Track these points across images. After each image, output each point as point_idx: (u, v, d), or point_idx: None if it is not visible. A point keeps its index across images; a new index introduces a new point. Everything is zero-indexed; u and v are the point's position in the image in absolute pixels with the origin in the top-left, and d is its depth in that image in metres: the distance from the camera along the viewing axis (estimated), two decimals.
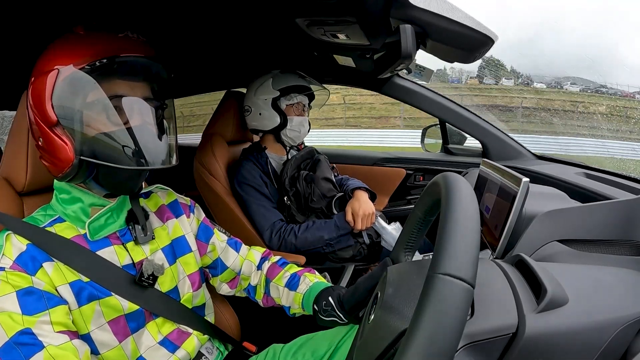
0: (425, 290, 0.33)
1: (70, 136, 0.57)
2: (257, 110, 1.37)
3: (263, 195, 1.34)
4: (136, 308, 0.65)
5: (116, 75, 0.59)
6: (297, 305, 0.81)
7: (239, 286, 0.88)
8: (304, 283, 0.81)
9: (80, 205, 0.64)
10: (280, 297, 0.83)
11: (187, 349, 0.72)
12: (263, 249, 0.91)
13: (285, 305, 0.83)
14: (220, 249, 0.84)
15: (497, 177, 0.82)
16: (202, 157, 1.40)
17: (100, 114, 0.58)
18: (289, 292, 0.82)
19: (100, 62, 0.56)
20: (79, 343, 0.57)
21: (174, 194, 0.81)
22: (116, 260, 0.65)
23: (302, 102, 1.38)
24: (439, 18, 0.57)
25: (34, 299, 0.55)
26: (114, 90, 0.58)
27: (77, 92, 0.57)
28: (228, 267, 0.84)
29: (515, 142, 1.57)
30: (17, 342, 0.52)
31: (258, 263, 0.88)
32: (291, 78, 1.36)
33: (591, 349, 0.42)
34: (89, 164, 0.59)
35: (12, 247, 0.57)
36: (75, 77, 0.56)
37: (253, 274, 0.87)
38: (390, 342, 0.41)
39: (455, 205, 0.37)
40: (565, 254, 0.64)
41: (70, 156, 0.57)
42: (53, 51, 0.58)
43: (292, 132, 1.37)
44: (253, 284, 0.87)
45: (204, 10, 0.83)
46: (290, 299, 0.81)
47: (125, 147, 0.58)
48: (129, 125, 0.59)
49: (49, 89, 0.56)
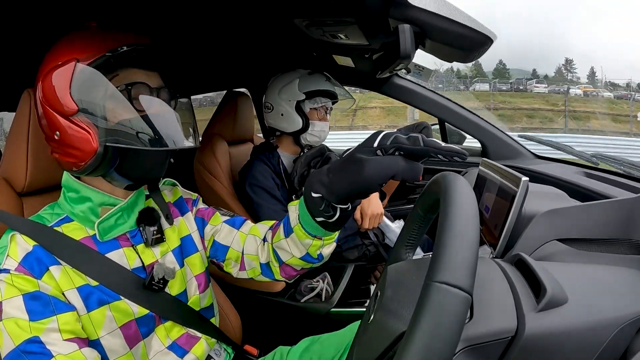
0: (422, 299, 0.32)
1: (93, 125, 0.57)
2: (279, 110, 1.32)
3: (274, 198, 1.30)
4: (146, 312, 0.64)
5: (134, 65, 0.61)
6: (307, 239, 0.64)
7: (252, 270, 0.75)
8: (292, 212, 0.65)
9: (89, 205, 0.62)
10: (291, 252, 0.67)
11: (196, 354, 0.71)
12: (272, 222, 0.76)
13: (302, 256, 0.67)
14: (215, 232, 0.76)
15: (497, 177, 0.82)
16: (202, 157, 1.40)
17: (121, 101, 0.58)
18: (291, 237, 0.66)
19: (121, 49, 0.57)
20: (89, 351, 0.55)
21: (179, 190, 0.79)
22: (125, 263, 0.63)
23: (325, 106, 1.34)
24: (438, 18, 0.57)
25: (41, 304, 0.53)
26: (133, 78, 0.60)
27: (97, 81, 0.57)
28: (228, 247, 0.75)
29: (514, 142, 1.57)
30: (25, 350, 0.51)
31: (263, 235, 0.74)
32: (319, 81, 1.31)
33: (591, 348, 0.42)
34: (113, 153, 0.58)
35: (18, 248, 0.56)
36: (95, 66, 0.56)
37: (259, 250, 0.74)
38: (390, 344, 0.41)
39: (454, 210, 0.36)
40: (565, 253, 0.64)
41: (93, 145, 0.56)
42: (68, 44, 0.59)
43: (312, 136, 1.33)
44: (264, 262, 0.73)
45: (204, 11, 0.83)
46: (297, 243, 0.66)
47: (147, 131, 0.58)
48: (150, 111, 0.59)
49: (66, 79, 0.56)
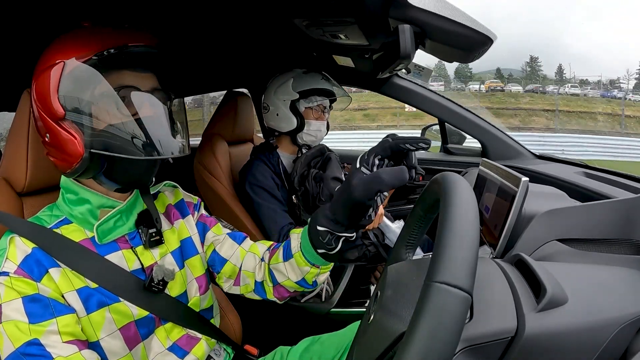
0: (422, 299, 0.32)
1: (79, 129, 0.56)
2: (275, 110, 1.32)
3: (274, 198, 1.30)
4: (146, 314, 0.64)
5: (124, 67, 0.58)
6: (306, 266, 0.68)
7: (245, 285, 0.77)
8: (294, 239, 0.70)
9: (88, 207, 0.62)
10: (287, 275, 0.70)
11: (197, 354, 0.71)
12: (270, 243, 0.80)
13: (298, 280, 0.70)
14: (216, 241, 0.77)
15: (497, 177, 0.82)
16: (202, 157, 1.40)
17: (109, 105, 0.56)
18: (290, 262, 0.69)
19: (108, 52, 0.55)
20: (88, 353, 0.55)
21: (181, 193, 0.79)
22: (125, 265, 0.63)
23: (322, 104, 1.33)
24: (438, 18, 0.57)
25: (40, 306, 0.53)
26: (123, 82, 0.57)
27: (84, 84, 0.56)
28: (227, 260, 0.76)
29: (514, 142, 1.57)
30: (25, 352, 0.51)
31: (262, 255, 0.77)
32: (314, 80, 1.30)
33: (591, 348, 0.42)
34: (99, 158, 0.57)
35: (17, 250, 0.56)
36: (82, 68, 0.55)
37: (257, 268, 0.76)
38: (390, 344, 0.41)
39: (454, 210, 0.36)
40: (565, 254, 0.64)
41: (79, 150, 0.55)
42: (59, 45, 0.58)
43: (308, 136, 1.33)
44: (259, 280, 0.76)
45: (204, 11, 0.83)
46: (295, 268, 0.69)
47: (135, 138, 0.57)
48: (138, 116, 0.57)
49: (54, 82, 0.55)
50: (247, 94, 1.56)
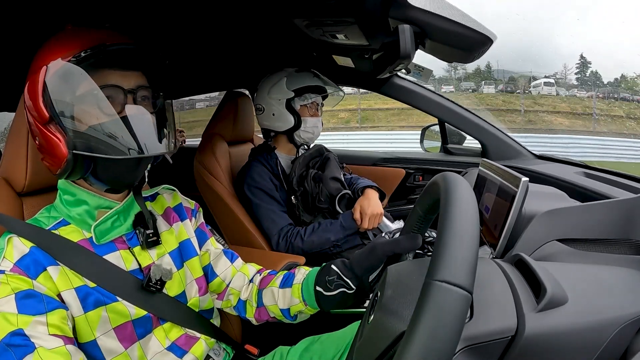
0: (422, 298, 0.32)
1: (63, 131, 0.56)
2: (270, 111, 1.33)
3: (273, 199, 1.31)
4: (144, 313, 0.64)
5: (104, 66, 0.57)
6: (297, 298, 0.72)
7: (227, 301, 0.80)
8: (300, 274, 0.75)
9: (85, 208, 0.62)
10: (275, 300, 0.75)
11: (195, 354, 0.71)
12: (259, 267, 0.84)
13: (283, 308, 0.75)
14: (212, 255, 0.79)
15: (497, 177, 0.82)
16: (202, 157, 1.40)
17: (90, 105, 0.57)
18: (285, 290, 0.74)
19: (85, 52, 0.55)
20: (74, 349, 0.54)
21: (179, 197, 0.79)
22: (122, 265, 0.64)
23: (316, 102, 1.35)
24: (438, 18, 0.57)
25: (33, 301, 0.53)
26: (104, 81, 0.57)
27: (65, 86, 0.56)
28: (217, 276, 0.79)
29: (514, 142, 1.57)
30: (9, 343, 0.50)
31: (252, 277, 0.81)
32: (306, 78, 1.32)
33: (591, 348, 0.42)
34: (84, 159, 0.58)
35: (14, 250, 0.56)
36: (62, 70, 0.55)
37: (244, 288, 0.79)
38: (389, 344, 0.41)
39: (454, 210, 0.36)
40: (565, 254, 0.64)
41: (63, 152, 0.56)
42: (43, 50, 0.58)
43: (305, 133, 1.34)
44: (243, 299, 0.79)
45: (204, 11, 0.83)
46: (287, 297, 0.74)
47: (117, 137, 0.57)
48: (120, 115, 0.57)
49: (39, 86, 0.56)
50: (247, 94, 1.56)
